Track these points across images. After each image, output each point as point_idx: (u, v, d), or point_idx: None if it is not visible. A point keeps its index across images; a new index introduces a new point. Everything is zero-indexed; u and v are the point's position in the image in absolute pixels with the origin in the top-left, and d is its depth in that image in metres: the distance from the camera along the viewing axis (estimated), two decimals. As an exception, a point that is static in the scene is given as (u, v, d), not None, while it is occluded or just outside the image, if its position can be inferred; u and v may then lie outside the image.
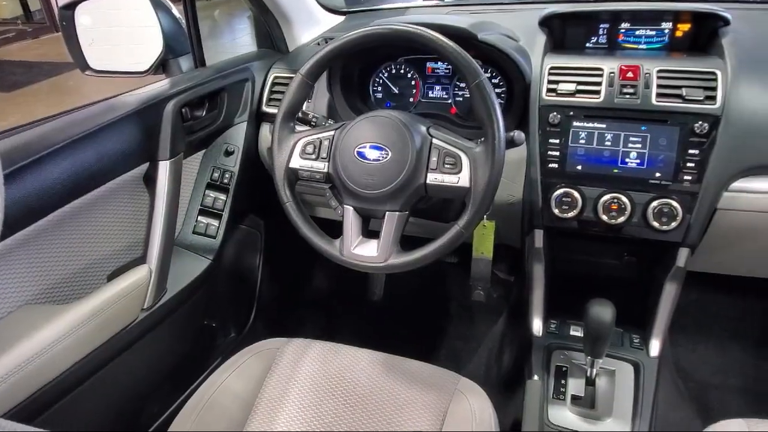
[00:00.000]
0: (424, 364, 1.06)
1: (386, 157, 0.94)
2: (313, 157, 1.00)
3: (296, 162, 1.01)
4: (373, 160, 0.95)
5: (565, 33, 1.24)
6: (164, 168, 1.15)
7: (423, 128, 0.97)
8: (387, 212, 0.96)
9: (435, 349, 1.77)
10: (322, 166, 1.00)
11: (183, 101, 1.19)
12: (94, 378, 1.05)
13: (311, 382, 1.02)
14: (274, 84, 1.40)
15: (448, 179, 0.93)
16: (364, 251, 0.97)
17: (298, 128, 1.05)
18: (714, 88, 1.00)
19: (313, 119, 1.13)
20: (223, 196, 1.35)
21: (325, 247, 1.00)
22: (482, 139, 0.92)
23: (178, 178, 1.19)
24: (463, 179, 0.92)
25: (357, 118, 0.99)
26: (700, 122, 0.99)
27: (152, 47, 1.27)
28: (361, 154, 0.96)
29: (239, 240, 1.55)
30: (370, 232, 1.02)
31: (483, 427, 0.93)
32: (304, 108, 1.29)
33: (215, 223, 1.34)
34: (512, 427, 1.27)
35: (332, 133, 1.01)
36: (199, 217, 1.35)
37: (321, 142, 1.01)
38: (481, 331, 1.74)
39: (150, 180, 1.16)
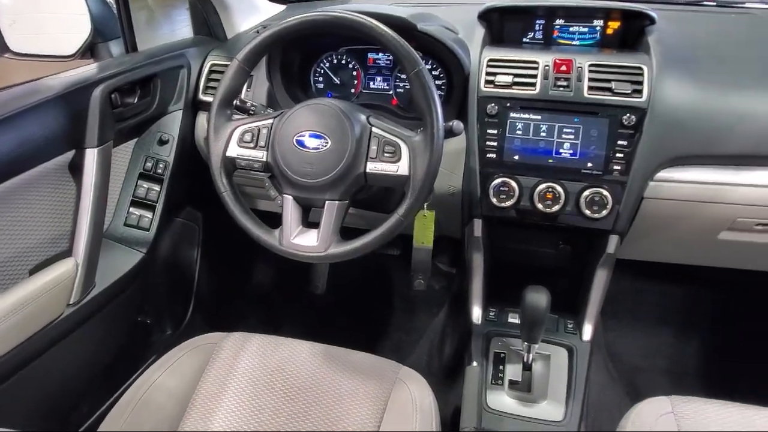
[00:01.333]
0: (365, 355, 1.05)
1: (326, 146, 0.94)
2: (251, 145, 0.98)
3: (233, 150, 0.99)
4: (313, 148, 0.94)
5: (503, 27, 1.27)
6: (92, 156, 1.09)
7: (363, 117, 0.96)
8: (327, 201, 0.95)
9: (378, 341, 1.78)
10: (260, 154, 0.98)
11: (112, 86, 1.13)
12: (18, 376, 0.99)
13: (250, 376, 1.00)
14: (211, 72, 1.36)
15: (388, 168, 0.93)
16: (303, 241, 0.96)
17: (236, 116, 1.02)
18: (641, 83, 1.04)
19: (252, 108, 1.10)
20: (157, 187, 1.30)
21: (263, 237, 0.98)
22: (422, 128, 0.92)
23: (106, 167, 1.13)
24: (402, 168, 0.92)
25: (296, 106, 0.98)
26: (628, 114, 1.03)
27: (79, 30, 1.21)
28: (300, 143, 0.95)
29: (175, 233, 1.49)
30: (310, 222, 1.01)
31: (424, 414, 0.94)
32: (242, 96, 1.27)
33: (148, 214, 1.29)
34: (453, 413, 1.29)
35: (271, 121, 0.99)
36: (131, 209, 1.29)
37: (259, 131, 0.99)
38: (423, 322, 1.76)
39: (76, 168, 1.10)
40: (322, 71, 1.31)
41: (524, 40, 1.28)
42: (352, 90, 1.31)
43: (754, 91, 1.06)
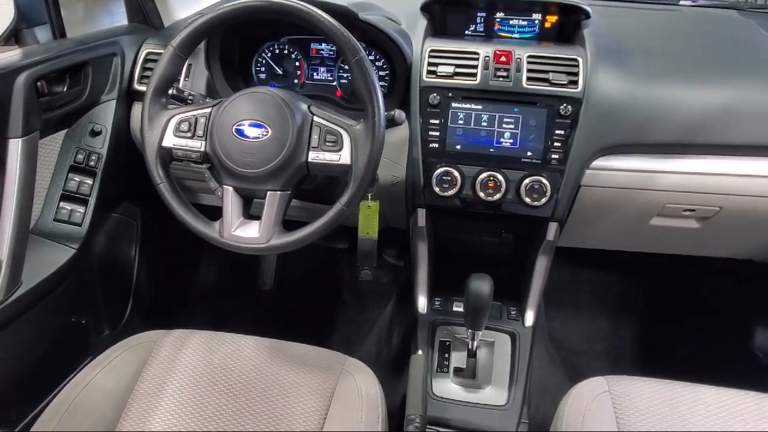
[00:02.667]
0: (311, 347, 1.05)
1: (266, 135, 0.92)
2: (189, 135, 0.96)
3: (170, 140, 0.96)
4: (253, 138, 0.92)
5: (445, 20, 1.28)
6: (15, 147, 1.03)
7: (304, 106, 0.95)
8: (268, 192, 0.94)
9: (328, 334, 1.77)
10: (198, 144, 0.95)
11: (38, 74, 1.07)
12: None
13: (192, 373, 0.97)
14: (146, 60, 1.30)
15: (330, 157, 0.93)
16: (245, 233, 0.94)
17: (173, 105, 0.99)
18: (576, 74, 1.08)
19: (190, 97, 1.07)
20: (89, 180, 1.24)
21: (203, 230, 0.95)
22: (363, 117, 0.92)
23: (32, 159, 1.07)
24: (344, 157, 0.92)
25: (235, 94, 0.95)
26: (565, 104, 1.06)
27: (2, 14, 1.14)
28: (239, 132, 0.93)
29: (112, 229, 1.43)
30: (252, 214, 0.99)
31: (370, 404, 0.94)
32: (180, 86, 1.23)
33: (81, 209, 1.23)
34: (401, 402, 1.30)
35: (209, 110, 0.96)
36: (62, 203, 1.23)
37: (197, 120, 0.96)
38: (372, 314, 1.77)
39: None
40: (263, 61, 1.29)
41: (466, 32, 1.29)
42: (295, 81, 1.29)
43: (680, 82, 1.11)
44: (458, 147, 1.12)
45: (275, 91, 0.95)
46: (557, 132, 1.08)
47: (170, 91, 1.01)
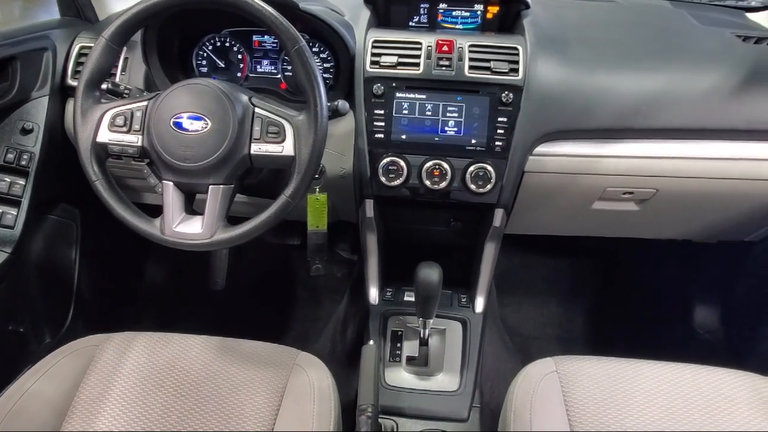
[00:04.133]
0: (261, 344, 1.03)
1: (206, 128, 0.90)
2: (125, 129, 0.93)
3: (104, 135, 0.93)
4: (192, 130, 0.90)
5: (389, 11, 1.28)
6: None
7: (245, 97, 0.94)
8: (211, 186, 0.92)
9: (282, 332, 1.75)
10: (135, 139, 0.93)
11: None
12: None
13: (136, 376, 0.95)
14: (80, 55, 1.26)
15: (273, 149, 0.92)
16: (187, 228, 0.92)
17: (108, 99, 0.96)
18: (516, 62, 1.09)
19: (126, 91, 1.04)
20: (21, 181, 1.19)
21: (143, 227, 0.93)
22: (306, 108, 0.91)
23: None
24: (287, 148, 0.91)
25: (172, 86, 0.93)
26: (506, 92, 1.08)
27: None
28: (178, 125, 0.90)
29: (49, 231, 1.37)
30: (195, 210, 0.97)
31: (323, 398, 0.94)
32: (116, 80, 1.18)
33: (12, 211, 1.17)
34: (356, 394, 1.30)
35: (145, 103, 0.94)
36: (-9, 205, 1.17)
37: (133, 114, 0.93)
38: (326, 309, 1.76)
39: None
40: (204, 54, 1.26)
41: (410, 24, 1.30)
42: (238, 74, 1.26)
43: (616, 70, 1.14)
44: (403, 137, 1.12)
45: (214, 82, 0.93)
46: (500, 119, 1.09)
47: (105, 86, 0.97)
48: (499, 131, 1.10)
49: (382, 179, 1.13)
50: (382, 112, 1.12)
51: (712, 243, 1.50)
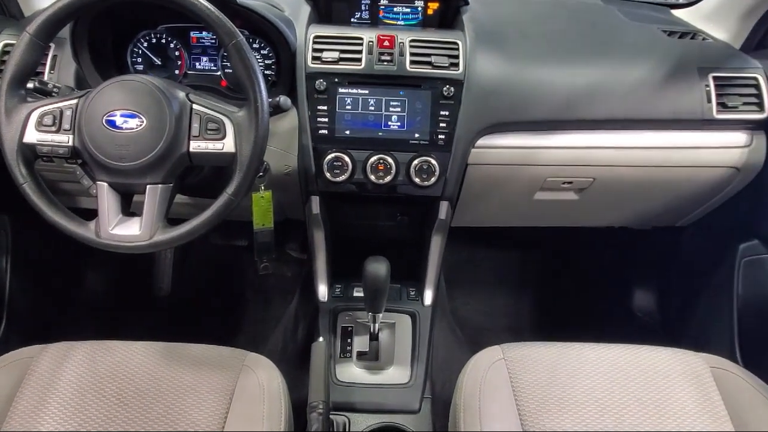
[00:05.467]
0: (208, 347, 1.01)
1: (141, 126, 0.87)
2: (54, 129, 0.89)
3: (32, 136, 0.89)
4: (127, 129, 0.87)
5: (330, 7, 1.27)
6: None
7: (181, 94, 0.91)
8: (148, 185, 0.89)
9: (233, 335, 1.72)
10: (65, 139, 0.89)
11: None
12: None
13: (75, 387, 0.91)
14: (4, 53, 1.19)
15: (212, 146, 0.90)
16: (125, 230, 0.89)
17: (34, 98, 0.92)
18: (457, 56, 1.11)
19: (55, 89, 0.99)
20: (-61, 188, 1.11)
21: (77, 231, 0.89)
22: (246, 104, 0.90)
23: None
24: (228, 145, 0.90)
25: (104, 83, 0.89)
26: (447, 86, 1.10)
27: None
28: (111, 123, 0.87)
29: (-25, 240, 1.30)
30: (133, 212, 0.94)
31: (272, 398, 0.93)
32: (45, 78, 1.13)
33: (-70, 219, 1.10)
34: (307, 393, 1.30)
35: (75, 101, 0.90)
36: None
37: (62, 112, 0.89)
38: (277, 310, 1.74)
39: None
40: (139, 51, 1.22)
41: (352, 20, 1.30)
42: (176, 71, 1.23)
43: (552, 64, 1.18)
44: (347, 132, 1.12)
45: (148, 78, 0.90)
46: (442, 113, 1.11)
47: (31, 84, 0.93)
48: (441, 125, 1.11)
49: (327, 175, 1.12)
50: (325, 107, 1.11)
51: (648, 229, 1.57)
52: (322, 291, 1.33)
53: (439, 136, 1.12)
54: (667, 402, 0.91)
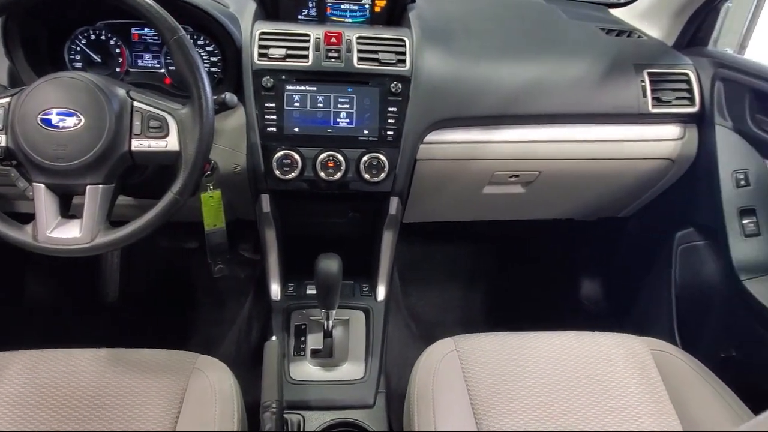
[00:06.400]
0: (157, 351, 0.99)
1: (79, 124, 0.85)
2: None
3: None
4: (64, 127, 0.84)
5: (277, 4, 1.26)
6: None
7: (121, 91, 0.89)
8: (88, 186, 0.87)
9: (185, 340, 1.68)
10: None
11: None
12: None
13: (13, 401, 0.87)
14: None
15: (155, 144, 0.88)
16: (64, 234, 0.86)
17: None
18: (404, 53, 1.12)
19: None
20: None
21: (12, 234, 0.86)
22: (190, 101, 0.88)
23: None
24: (171, 143, 0.88)
25: (38, 80, 0.86)
26: (395, 83, 1.10)
27: None
28: (47, 122, 0.84)
29: None
30: (73, 214, 0.90)
31: (224, 399, 0.91)
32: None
33: None
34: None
35: (7, 99, 0.87)
36: None
37: None
38: (231, 312, 1.71)
39: None
40: (78, 48, 1.17)
41: (299, 17, 1.29)
42: (117, 69, 1.19)
43: (497, 60, 1.21)
44: (296, 129, 1.11)
45: (86, 75, 0.87)
46: (390, 109, 1.12)
47: None
48: (390, 121, 1.12)
49: (277, 173, 1.11)
50: (273, 105, 1.10)
51: (592, 220, 1.63)
52: (275, 290, 1.32)
53: (388, 133, 1.12)
54: (611, 383, 0.95)
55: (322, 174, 1.12)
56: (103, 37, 1.17)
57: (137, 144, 0.87)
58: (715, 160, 1.21)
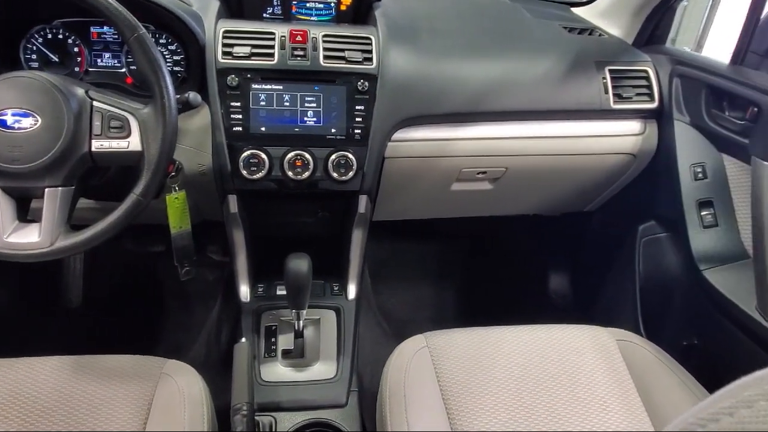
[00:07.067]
0: (124, 357, 0.97)
1: (36, 125, 0.82)
2: None
3: None
4: (20, 128, 0.82)
5: (241, 2, 1.25)
6: None
7: (80, 91, 0.87)
8: (47, 189, 0.84)
9: (154, 345, 1.64)
10: None
11: None
12: None
13: None
14: None
15: (117, 145, 0.86)
16: (22, 238, 0.84)
17: None
18: (370, 51, 1.12)
19: None
20: None
21: None
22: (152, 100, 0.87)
23: None
24: (133, 143, 0.86)
25: None
26: (362, 81, 1.10)
27: None
28: (1, 123, 0.82)
29: None
30: (30, 219, 0.88)
31: (194, 403, 0.90)
32: None
33: None
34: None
35: None
36: None
37: None
38: (200, 316, 1.68)
39: None
40: (34, 48, 1.14)
41: (264, 15, 1.28)
42: (76, 68, 1.16)
43: (463, 58, 1.22)
44: (263, 129, 1.10)
45: (42, 74, 0.85)
46: (357, 108, 1.11)
47: None
48: (357, 119, 1.12)
49: (244, 173, 1.10)
50: (238, 104, 1.09)
51: (558, 215, 1.66)
52: (244, 291, 1.30)
53: (356, 131, 1.12)
54: (578, 374, 0.97)
55: (290, 173, 1.11)
56: (60, 36, 1.14)
57: (98, 145, 0.85)
58: (674, 154, 1.25)
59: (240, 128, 1.09)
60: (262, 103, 1.10)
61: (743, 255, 1.20)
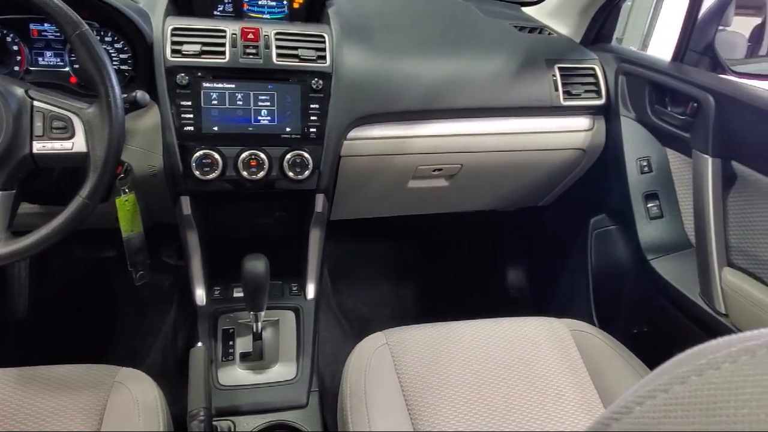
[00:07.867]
0: (74, 366, 0.93)
1: None
2: None
3: None
4: None
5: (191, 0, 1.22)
6: None
7: (19, 90, 0.83)
8: None
9: (106, 353, 1.59)
10: None
11: None
12: None
13: None
14: None
15: (60, 146, 0.83)
16: None
17: None
18: (324, 49, 1.11)
19: None
20: None
21: None
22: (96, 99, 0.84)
23: None
24: (78, 144, 0.83)
25: None
26: (316, 79, 1.10)
27: None
28: None
29: None
30: None
31: (149, 411, 0.88)
32: None
33: None
34: None
35: None
36: None
37: None
38: (156, 321, 1.64)
39: None
40: None
41: (215, 13, 1.25)
42: (16, 67, 1.11)
43: (416, 56, 1.22)
44: (215, 128, 1.08)
45: None
46: (312, 106, 1.11)
47: None
48: (312, 118, 1.11)
49: (197, 173, 1.08)
50: (189, 103, 1.06)
51: (513, 210, 1.69)
52: (200, 295, 1.27)
53: (311, 130, 1.11)
54: (535, 364, 0.99)
55: (244, 173, 1.09)
56: None
57: (39, 146, 0.82)
58: (621, 148, 1.29)
59: (191, 128, 1.07)
60: (214, 102, 1.08)
61: (687, 244, 1.25)
